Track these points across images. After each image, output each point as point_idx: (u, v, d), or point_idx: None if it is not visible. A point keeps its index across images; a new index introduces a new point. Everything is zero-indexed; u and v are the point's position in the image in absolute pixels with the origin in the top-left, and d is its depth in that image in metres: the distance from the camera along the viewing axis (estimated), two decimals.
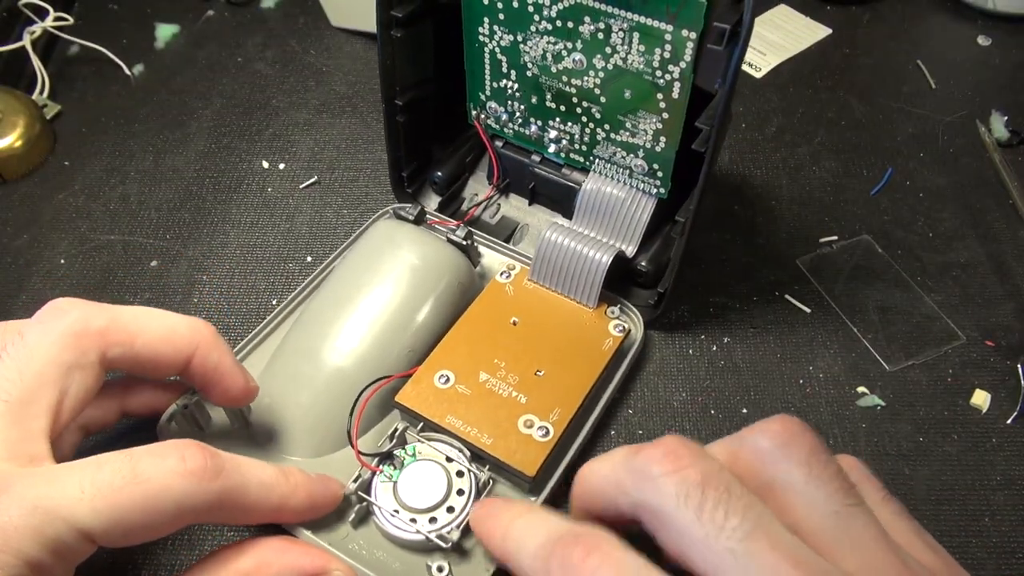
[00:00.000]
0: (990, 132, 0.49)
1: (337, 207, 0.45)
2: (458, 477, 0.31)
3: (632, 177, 0.37)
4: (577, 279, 0.36)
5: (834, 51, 0.55)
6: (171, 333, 0.28)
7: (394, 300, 0.35)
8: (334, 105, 0.51)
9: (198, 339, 0.29)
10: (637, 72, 0.33)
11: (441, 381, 0.33)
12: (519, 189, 0.43)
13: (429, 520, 0.30)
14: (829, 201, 0.45)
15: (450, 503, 0.30)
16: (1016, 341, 0.39)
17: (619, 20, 0.32)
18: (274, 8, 0.58)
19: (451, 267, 0.36)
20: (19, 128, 0.47)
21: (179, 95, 0.52)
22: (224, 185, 0.46)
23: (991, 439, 0.35)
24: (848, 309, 0.40)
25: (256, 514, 0.27)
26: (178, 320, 0.29)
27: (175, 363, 0.28)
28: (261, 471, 0.27)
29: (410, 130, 0.40)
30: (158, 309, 0.29)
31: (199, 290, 0.41)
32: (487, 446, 0.31)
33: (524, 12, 0.34)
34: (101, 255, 0.43)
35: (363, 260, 0.37)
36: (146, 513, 0.23)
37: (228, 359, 0.30)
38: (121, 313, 0.27)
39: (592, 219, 0.39)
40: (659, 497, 0.21)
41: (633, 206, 0.38)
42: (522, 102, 0.38)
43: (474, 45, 0.37)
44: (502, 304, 0.36)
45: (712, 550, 0.19)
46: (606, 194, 0.38)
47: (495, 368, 0.34)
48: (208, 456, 0.25)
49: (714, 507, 0.20)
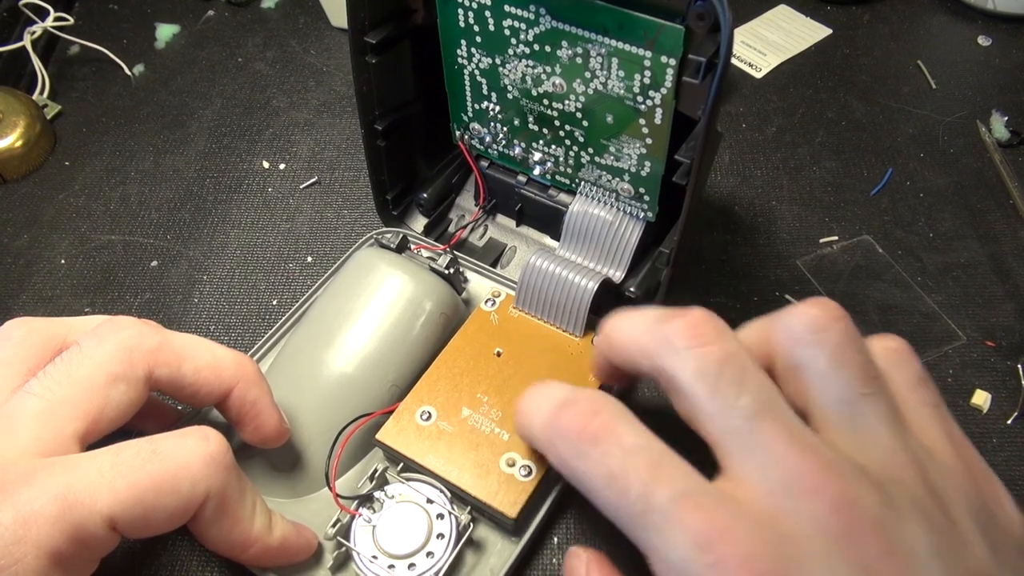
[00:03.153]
0: (990, 132, 0.49)
1: (338, 207, 0.45)
2: (438, 520, 0.30)
3: (619, 200, 0.37)
4: (562, 307, 0.35)
5: (834, 51, 0.55)
6: (217, 363, 0.28)
7: (376, 334, 0.34)
8: (334, 105, 0.51)
9: (242, 373, 0.29)
10: (618, 97, 0.33)
11: (423, 418, 0.33)
12: (506, 210, 0.42)
13: (408, 567, 0.29)
14: (829, 201, 0.45)
15: (430, 548, 0.30)
16: (1017, 341, 0.39)
17: (596, 45, 0.31)
18: (274, 8, 0.58)
19: (434, 298, 0.35)
20: (19, 128, 0.47)
21: (179, 95, 0.52)
22: (224, 185, 0.46)
23: (992, 439, 0.35)
24: (848, 309, 0.39)
25: (238, 532, 0.27)
26: (225, 352, 0.29)
27: (217, 393, 0.29)
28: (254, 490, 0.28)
29: (392, 153, 0.39)
30: (208, 340, 0.29)
31: (199, 290, 0.41)
32: (468, 487, 0.31)
33: (500, 35, 0.34)
34: (101, 255, 0.43)
35: (343, 293, 0.36)
36: (167, 495, 0.24)
37: (267, 398, 0.30)
38: (174, 337, 0.28)
39: (580, 242, 0.38)
40: (679, 368, 0.22)
41: (621, 229, 0.37)
42: (505, 124, 0.38)
43: (453, 67, 0.37)
44: (486, 334, 0.35)
45: (720, 424, 0.21)
46: (593, 216, 0.37)
47: (478, 403, 0.33)
48: (227, 444, 0.26)
49: (728, 385, 0.21)
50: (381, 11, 0.35)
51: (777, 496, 0.21)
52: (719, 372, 0.22)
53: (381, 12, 0.35)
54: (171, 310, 0.41)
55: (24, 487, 0.22)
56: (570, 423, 0.23)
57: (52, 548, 0.22)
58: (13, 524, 0.22)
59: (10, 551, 0.21)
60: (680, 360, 0.22)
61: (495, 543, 0.31)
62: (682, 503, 0.21)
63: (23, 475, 0.23)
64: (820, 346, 0.23)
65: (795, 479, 0.21)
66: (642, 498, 0.21)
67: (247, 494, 0.27)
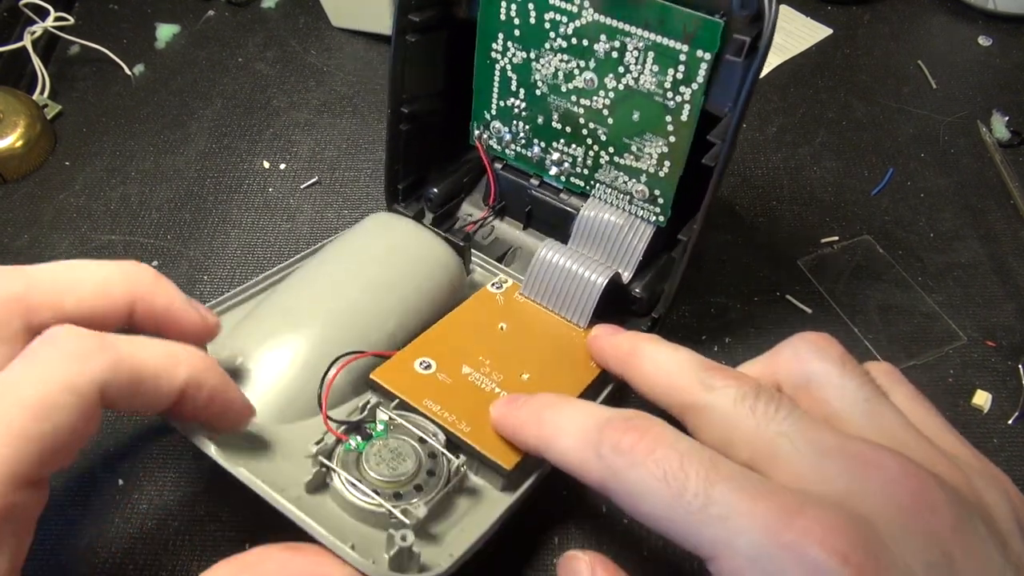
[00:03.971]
0: (991, 132, 0.49)
1: (338, 207, 0.45)
2: (430, 458, 0.29)
3: (632, 203, 0.37)
4: (570, 298, 0.35)
5: (835, 51, 0.55)
6: (104, 286, 0.25)
7: (382, 280, 0.34)
8: (335, 105, 0.51)
9: (136, 285, 0.26)
10: (648, 93, 0.33)
11: (422, 366, 0.32)
12: (515, 213, 0.42)
13: (393, 495, 0.28)
14: (830, 201, 0.45)
15: (418, 482, 0.28)
16: (1017, 341, 0.39)
17: (635, 39, 0.32)
18: (274, 8, 0.58)
19: (444, 264, 0.36)
20: (20, 128, 0.47)
21: (180, 95, 0.52)
22: (225, 185, 0.46)
23: (992, 439, 0.35)
24: (849, 309, 0.40)
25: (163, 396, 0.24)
26: (110, 268, 0.26)
27: (116, 317, 0.25)
28: (154, 344, 0.24)
29: (411, 142, 0.40)
30: (84, 260, 0.26)
31: (200, 290, 0.41)
32: (465, 433, 0.29)
33: (541, 29, 0.34)
34: (102, 255, 0.43)
35: (357, 240, 0.36)
36: (45, 414, 0.21)
37: (177, 300, 0.27)
38: (39, 273, 0.25)
39: (588, 245, 0.38)
40: (719, 401, 0.24)
41: (631, 233, 0.37)
42: (527, 122, 0.38)
43: (485, 62, 0.37)
44: (491, 310, 0.36)
45: (765, 433, 0.23)
46: (604, 220, 0.37)
47: (479, 364, 0.32)
48: (84, 335, 0.22)
49: (766, 405, 0.23)
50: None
51: (840, 480, 0.21)
52: (756, 397, 0.24)
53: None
54: None
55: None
56: (625, 435, 0.23)
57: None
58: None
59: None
60: (719, 394, 0.24)
61: (487, 495, 0.30)
62: (746, 491, 0.21)
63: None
64: (828, 360, 0.25)
65: (854, 460, 0.21)
66: (701, 494, 0.21)
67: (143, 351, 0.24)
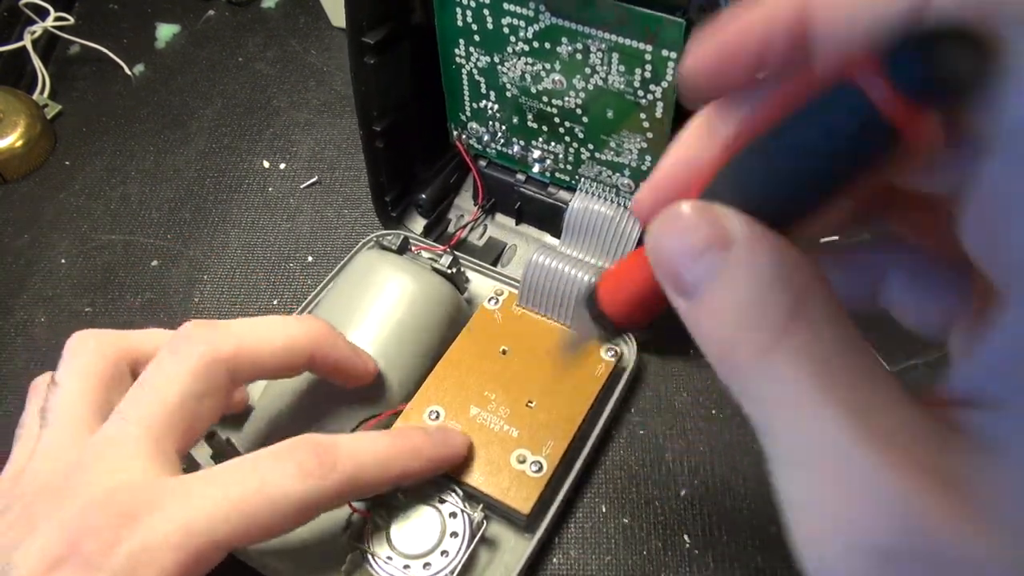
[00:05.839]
0: None
1: (338, 207, 0.45)
2: (451, 519, 0.31)
3: (620, 195, 0.37)
4: (566, 303, 0.35)
5: None
6: (291, 342, 0.30)
7: (380, 337, 0.34)
8: (335, 105, 0.51)
9: (316, 342, 0.30)
10: (618, 92, 0.33)
11: (431, 417, 0.33)
12: (505, 209, 0.42)
13: (423, 566, 0.30)
14: None
15: (444, 547, 0.30)
16: None
17: (596, 41, 0.31)
18: (274, 8, 0.58)
19: (437, 298, 0.35)
20: (20, 128, 0.47)
21: (180, 95, 0.52)
22: (225, 185, 0.46)
23: None
24: None
25: (379, 489, 0.29)
26: (296, 327, 0.30)
27: (298, 367, 0.30)
28: (375, 447, 0.29)
29: (391, 154, 0.39)
30: (274, 317, 0.31)
31: (200, 290, 0.41)
32: (479, 484, 0.31)
33: (499, 34, 0.34)
34: (102, 255, 0.43)
35: (346, 297, 0.36)
36: (271, 517, 0.25)
37: (345, 351, 0.31)
38: (245, 334, 0.29)
39: (580, 238, 0.38)
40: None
41: (622, 224, 0.37)
42: (503, 123, 0.38)
43: (451, 66, 0.37)
44: (491, 333, 0.36)
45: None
46: (594, 212, 0.37)
47: (485, 401, 0.33)
48: (321, 453, 0.27)
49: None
50: (379, 11, 0.35)
51: None
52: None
53: (379, 12, 0.35)
54: (171, 310, 0.41)
55: (149, 515, 0.24)
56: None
57: (172, 573, 0.23)
58: (141, 550, 0.23)
59: (137, 574, 0.23)
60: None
61: (508, 540, 0.31)
62: None
63: (148, 502, 0.24)
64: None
65: None
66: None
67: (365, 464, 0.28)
